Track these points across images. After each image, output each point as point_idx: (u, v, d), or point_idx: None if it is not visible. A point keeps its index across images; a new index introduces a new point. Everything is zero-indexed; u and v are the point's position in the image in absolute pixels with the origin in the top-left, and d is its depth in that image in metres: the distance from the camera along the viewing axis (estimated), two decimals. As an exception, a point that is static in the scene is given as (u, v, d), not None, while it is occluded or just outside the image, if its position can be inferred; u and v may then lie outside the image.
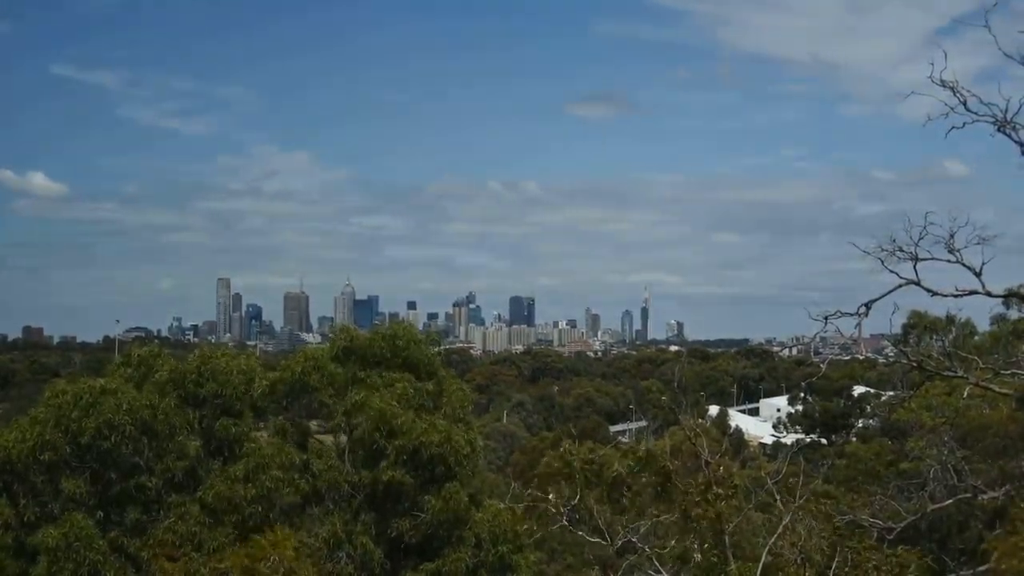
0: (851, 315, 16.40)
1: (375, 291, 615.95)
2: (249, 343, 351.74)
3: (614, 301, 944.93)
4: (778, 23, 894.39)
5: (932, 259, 15.87)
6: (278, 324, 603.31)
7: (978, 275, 15.70)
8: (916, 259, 15.78)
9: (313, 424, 25.48)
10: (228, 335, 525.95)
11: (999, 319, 35.07)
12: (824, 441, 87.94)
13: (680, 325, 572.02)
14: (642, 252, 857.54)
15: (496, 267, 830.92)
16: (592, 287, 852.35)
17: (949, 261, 15.76)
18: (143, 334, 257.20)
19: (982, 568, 20.54)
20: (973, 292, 15.95)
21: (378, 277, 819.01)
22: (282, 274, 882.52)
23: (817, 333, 16.87)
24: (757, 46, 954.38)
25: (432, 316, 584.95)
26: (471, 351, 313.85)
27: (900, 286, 16.03)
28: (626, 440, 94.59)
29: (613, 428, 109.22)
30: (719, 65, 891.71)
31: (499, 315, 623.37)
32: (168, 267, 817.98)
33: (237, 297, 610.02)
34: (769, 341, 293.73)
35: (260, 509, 21.34)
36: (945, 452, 24.23)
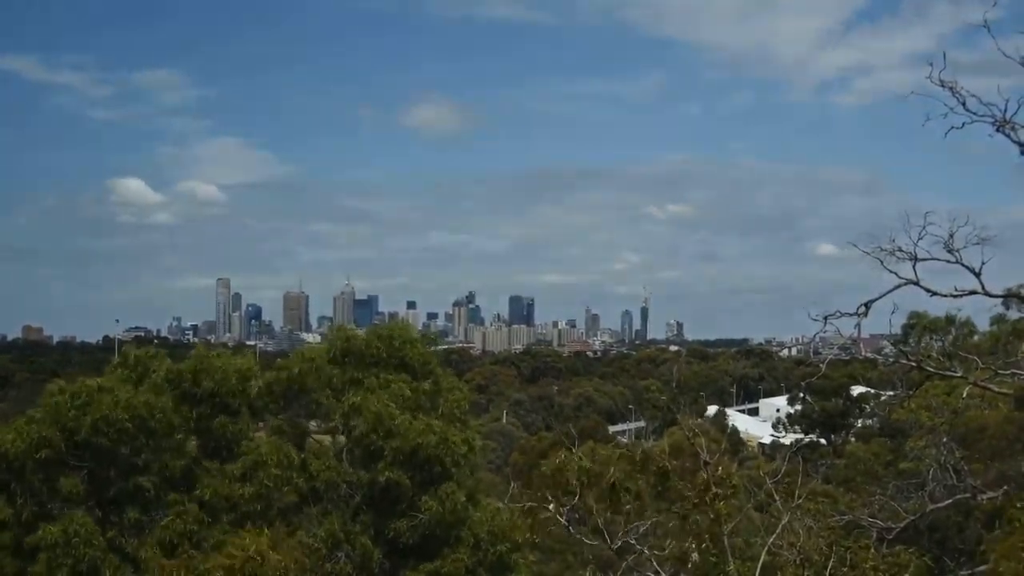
0: (851, 315, 16.39)
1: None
2: (249, 343, 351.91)
3: (614, 301, 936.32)
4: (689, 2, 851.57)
5: (932, 259, 15.85)
6: (277, 324, 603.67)
7: (978, 275, 15.68)
8: (915, 259, 15.76)
9: (312, 424, 25.48)
10: (228, 335, 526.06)
11: (999, 319, 35.07)
12: (823, 441, 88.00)
13: (680, 325, 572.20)
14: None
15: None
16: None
17: (949, 261, 15.74)
18: (143, 334, 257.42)
19: (981, 568, 20.51)
20: (972, 292, 15.93)
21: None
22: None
23: (817, 333, 16.85)
24: (668, 29, 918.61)
25: (432, 316, 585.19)
26: (471, 351, 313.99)
27: (899, 286, 16.01)
28: (626, 440, 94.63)
29: (612, 428, 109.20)
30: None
31: (498, 315, 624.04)
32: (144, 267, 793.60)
33: (237, 297, 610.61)
34: (769, 341, 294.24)
35: (258, 508, 21.36)
36: (944, 452, 24.18)
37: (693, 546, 13.81)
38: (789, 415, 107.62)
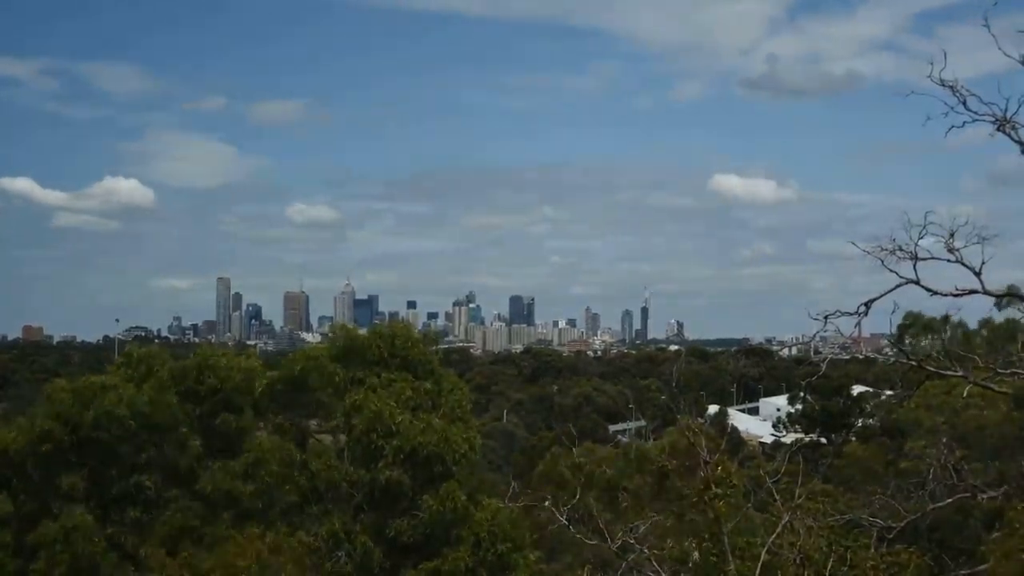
0: (851, 314, 16.38)
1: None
2: (249, 342, 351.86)
3: (614, 299, 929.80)
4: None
5: (932, 258, 15.85)
6: (278, 323, 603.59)
7: (978, 274, 15.68)
8: (916, 258, 15.75)
9: (313, 423, 25.52)
10: (228, 334, 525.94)
11: (992, 323, 35.10)
12: (824, 440, 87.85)
13: (680, 324, 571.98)
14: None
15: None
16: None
17: (949, 260, 15.74)
18: (143, 333, 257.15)
19: (981, 568, 20.51)
20: (973, 292, 15.93)
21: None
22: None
23: (817, 332, 16.84)
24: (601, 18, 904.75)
25: (432, 315, 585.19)
26: (471, 350, 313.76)
27: (899, 285, 16.00)
28: (626, 439, 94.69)
29: (612, 427, 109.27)
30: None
31: (499, 314, 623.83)
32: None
33: (237, 296, 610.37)
34: (769, 340, 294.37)
35: (259, 505, 21.38)
36: (944, 451, 24.19)
37: (693, 546, 13.84)
38: (789, 414, 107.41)
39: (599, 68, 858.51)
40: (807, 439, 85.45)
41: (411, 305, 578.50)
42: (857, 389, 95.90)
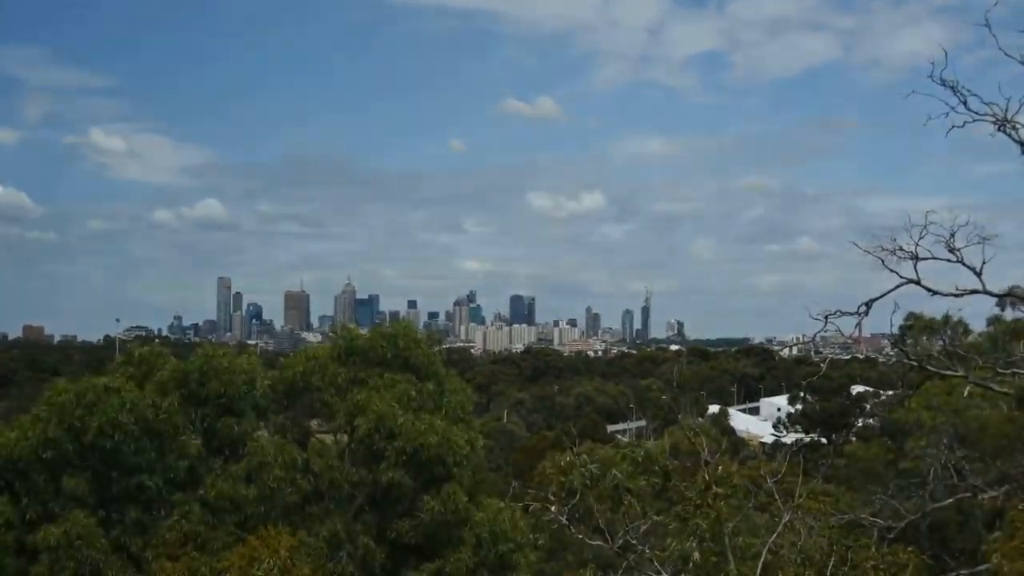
0: (851, 314, 16.40)
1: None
2: (250, 342, 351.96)
3: (615, 299, 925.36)
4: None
5: (932, 258, 15.86)
6: (278, 323, 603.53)
7: (978, 274, 15.70)
8: (916, 258, 15.77)
9: (314, 423, 25.52)
10: (229, 334, 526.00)
11: (996, 320, 35.11)
12: (824, 440, 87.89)
13: (680, 324, 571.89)
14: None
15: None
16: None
17: (949, 260, 15.76)
18: (143, 333, 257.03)
19: (982, 568, 20.53)
20: (973, 291, 15.95)
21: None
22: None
23: (817, 332, 16.86)
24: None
25: (433, 315, 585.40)
26: (471, 350, 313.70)
27: (900, 285, 16.02)
28: (626, 439, 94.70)
29: (612, 427, 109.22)
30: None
31: (499, 314, 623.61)
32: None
33: (238, 296, 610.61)
34: (770, 340, 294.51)
35: (262, 509, 21.37)
36: (945, 452, 24.21)
37: (694, 546, 13.83)
38: (790, 414, 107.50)
39: (492, 54, 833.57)
40: (807, 439, 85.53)
41: (412, 305, 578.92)
42: (857, 389, 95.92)
